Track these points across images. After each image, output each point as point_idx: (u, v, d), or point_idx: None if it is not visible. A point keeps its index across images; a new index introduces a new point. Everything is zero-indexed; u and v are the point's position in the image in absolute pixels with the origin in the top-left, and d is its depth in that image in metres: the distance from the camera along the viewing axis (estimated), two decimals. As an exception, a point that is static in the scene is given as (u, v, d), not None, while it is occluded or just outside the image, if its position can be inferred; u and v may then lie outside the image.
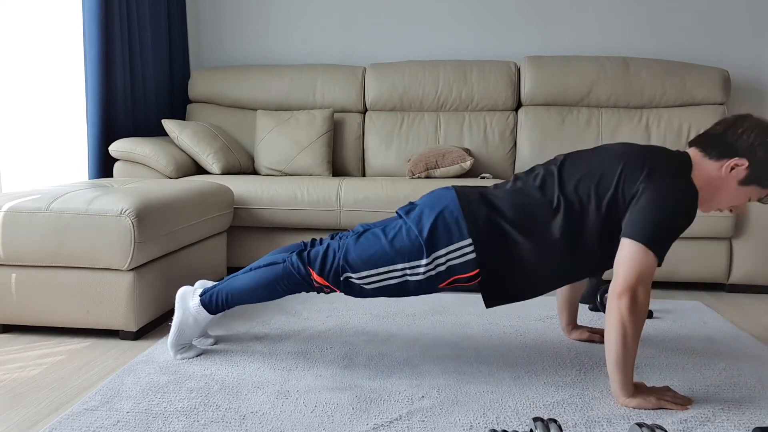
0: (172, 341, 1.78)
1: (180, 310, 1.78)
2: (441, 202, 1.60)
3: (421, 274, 1.57)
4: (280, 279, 1.66)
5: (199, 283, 1.88)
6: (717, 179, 1.53)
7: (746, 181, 1.51)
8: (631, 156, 1.55)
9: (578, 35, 3.56)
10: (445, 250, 1.55)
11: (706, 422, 1.42)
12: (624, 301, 1.42)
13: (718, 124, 1.57)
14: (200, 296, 1.77)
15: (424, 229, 1.56)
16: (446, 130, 3.32)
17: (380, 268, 1.59)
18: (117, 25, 2.95)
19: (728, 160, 1.51)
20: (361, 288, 1.62)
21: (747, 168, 1.50)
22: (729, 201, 1.56)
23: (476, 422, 1.42)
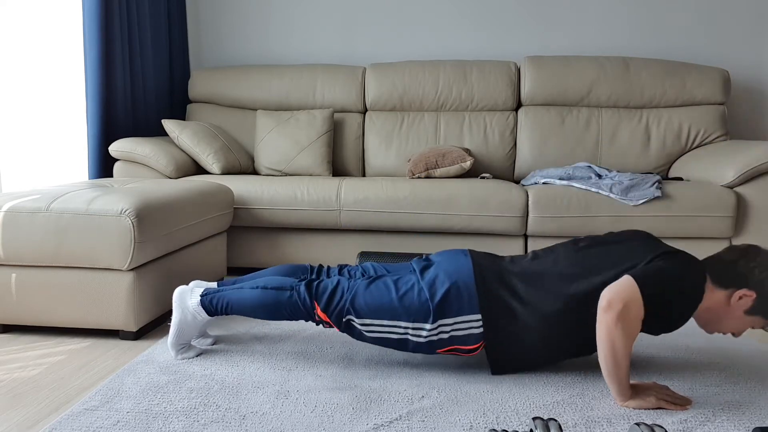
0: (172, 341, 1.78)
1: (178, 309, 1.78)
2: (457, 272, 1.63)
3: (423, 337, 1.61)
4: (284, 305, 1.68)
5: (194, 283, 1.88)
6: (724, 306, 1.56)
7: (752, 311, 1.54)
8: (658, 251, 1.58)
9: (578, 35, 3.56)
10: (453, 320, 1.60)
11: (706, 422, 1.42)
12: (610, 314, 1.44)
13: (729, 251, 1.60)
14: (201, 296, 1.77)
15: (436, 295, 1.60)
16: (446, 130, 3.32)
17: (384, 321, 1.62)
18: (117, 25, 2.95)
19: (737, 290, 1.54)
20: (360, 333, 1.66)
21: (754, 300, 1.53)
22: (733, 326, 1.59)
23: (476, 422, 1.42)
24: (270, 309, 1.69)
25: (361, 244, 2.79)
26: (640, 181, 2.69)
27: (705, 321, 1.59)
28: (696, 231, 2.61)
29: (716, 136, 3.19)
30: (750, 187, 2.61)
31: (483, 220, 2.66)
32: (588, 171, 2.90)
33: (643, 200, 2.58)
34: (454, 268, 1.65)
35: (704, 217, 2.58)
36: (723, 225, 2.59)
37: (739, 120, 3.54)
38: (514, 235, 2.72)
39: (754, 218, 2.62)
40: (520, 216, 2.65)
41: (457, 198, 2.67)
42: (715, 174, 2.71)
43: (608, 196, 2.62)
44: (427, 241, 2.76)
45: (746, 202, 2.61)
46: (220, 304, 1.75)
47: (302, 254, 2.82)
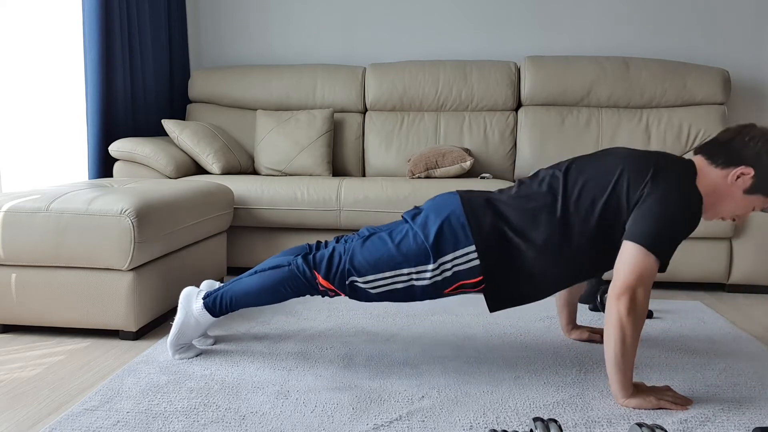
0: (172, 341, 1.78)
1: (183, 310, 1.77)
2: (446, 208, 1.60)
3: (427, 279, 1.57)
4: (284, 282, 1.66)
5: (205, 283, 1.87)
6: (722, 187, 1.52)
7: (751, 189, 1.51)
8: (635, 160, 1.55)
9: (578, 35, 3.56)
10: (451, 255, 1.56)
11: (706, 422, 1.42)
12: (623, 302, 1.42)
13: (724, 132, 1.56)
14: (203, 299, 1.76)
15: (430, 234, 1.57)
16: (446, 130, 3.32)
17: (386, 273, 1.59)
18: (117, 25, 2.95)
19: (734, 168, 1.50)
20: (366, 292, 1.62)
21: (753, 177, 1.49)
22: (733, 209, 1.56)
23: (476, 422, 1.42)
24: (272, 289, 1.67)
25: (361, 244, 2.79)
26: (640, 181, 2.69)
27: (704, 207, 1.54)
28: (696, 231, 2.60)
29: (716, 136, 3.18)
30: (750, 187, 2.61)
31: (483, 220, 2.66)
32: (588, 171, 2.89)
33: (643, 200, 2.58)
34: (443, 205, 1.61)
35: (704, 217, 2.58)
36: (723, 225, 2.59)
37: (739, 120, 3.53)
38: (514, 235, 2.71)
39: (754, 218, 2.62)
40: (520, 216, 2.65)
41: (457, 198, 2.66)
42: (715, 174, 2.71)
43: (608, 196, 2.62)
44: (427, 241, 2.75)
45: (746, 202, 2.61)
46: (222, 302, 1.74)
47: (302, 254, 2.82)
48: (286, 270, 1.66)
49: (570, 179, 1.58)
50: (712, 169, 1.53)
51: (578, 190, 1.55)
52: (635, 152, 1.59)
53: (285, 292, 1.67)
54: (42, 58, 2.86)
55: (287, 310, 2.30)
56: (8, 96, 2.77)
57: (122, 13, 3.01)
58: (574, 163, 1.62)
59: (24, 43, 2.80)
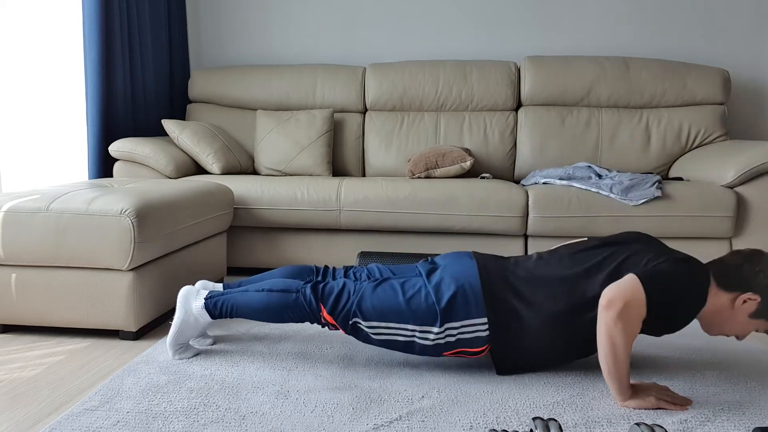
0: (171, 340, 1.78)
1: (182, 309, 1.78)
2: (463, 275, 1.64)
3: (431, 340, 1.62)
4: (290, 308, 1.68)
5: (201, 283, 1.88)
6: (728, 309, 1.56)
7: (756, 314, 1.55)
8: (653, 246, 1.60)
9: (578, 35, 3.56)
10: (459, 323, 1.60)
11: (706, 422, 1.42)
12: (611, 312, 1.45)
13: (734, 256, 1.60)
14: (205, 299, 1.76)
15: (442, 299, 1.61)
16: (446, 130, 3.32)
17: (391, 324, 1.63)
18: (117, 25, 2.95)
19: (742, 294, 1.54)
20: (367, 335, 1.66)
21: (759, 303, 1.53)
22: (736, 330, 1.59)
23: (476, 422, 1.42)
24: (275, 312, 1.69)
25: (361, 244, 2.79)
26: (640, 181, 2.69)
27: (708, 323, 1.60)
28: (696, 231, 2.61)
29: (716, 136, 3.19)
30: (750, 187, 2.61)
31: (483, 220, 2.66)
32: (588, 171, 2.90)
33: (643, 200, 2.58)
34: (460, 272, 1.65)
35: (704, 217, 2.58)
36: (723, 225, 2.59)
37: (739, 120, 3.54)
38: (514, 235, 2.72)
39: (754, 218, 2.62)
40: (520, 216, 2.65)
41: (457, 198, 2.67)
42: (715, 174, 2.71)
43: (608, 196, 2.62)
44: (427, 241, 2.76)
45: (746, 202, 2.61)
46: (224, 307, 1.74)
47: (302, 254, 2.82)
48: (293, 297, 1.68)
49: (590, 260, 1.62)
50: (720, 292, 1.57)
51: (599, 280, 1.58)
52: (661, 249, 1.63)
53: (287, 316, 1.70)
54: (42, 58, 2.86)
55: (287, 310, 2.29)
56: (8, 96, 2.77)
57: (122, 13, 3.01)
58: (595, 245, 1.67)
59: (24, 43, 2.80)
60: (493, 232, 2.70)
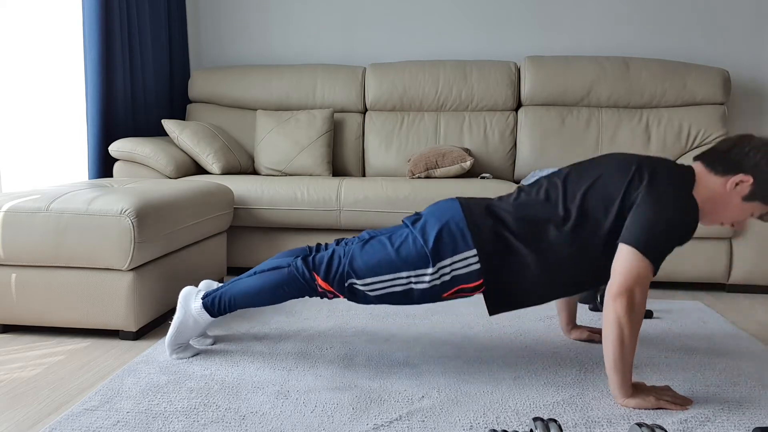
0: (170, 340, 1.78)
1: (182, 310, 1.77)
2: (446, 214, 1.61)
3: (426, 282, 1.59)
4: (284, 283, 1.67)
5: (204, 283, 1.87)
6: (721, 194, 1.54)
7: (750, 197, 1.52)
8: (635, 164, 1.56)
9: (578, 35, 3.56)
10: (450, 260, 1.57)
11: (706, 422, 1.42)
12: (620, 302, 1.43)
13: (723, 141, 1.58)
14: (202, 299, 1.76)
15: (429, 238, 1.58)
16: (446, 130, 3.32)
17: (385, 276, 1.60)
18: (117, 25, 2.95)
19: (733, 176, 1.52)
20: (365, 294, 1.63)
21: (751, 185, 1.51)
22: (731, 216, 1.57)
23: (476, 422, 1.42)
24: (272, 291, 1.68)
25: (361, 244, 2.79)
26: (640, 181, 2.69)
27: (702, 213, 1.56)
28: (696, 231, 2.60)
29: (716, 136, 3.19)
30: (750, 187, 2.61)
31: (483, 220, 2.66)
32: (588, 171, 2.90)
33: (643, 200, 2.58)
34: (442, 211, 1.63)
35: (704, 217, 2.58)
36: (723, 225, 2.59)
37: (739, 120, 3.54)
38: (514, 235, 2.71)
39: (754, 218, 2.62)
40: (520, 216, 2.65)
41: (457, 198, 2.67)
42: (715, 174, 2.71)
43: (608, 196, 2.62)
44: (427, 241, 2.76)
45: (746, 202, 2.61)
46: (222, 302, 1.74)
47: (302, 254, 2.82)
48: (286, 272, 1.66)
49: (569, 186, 1.59)
50: (711, 176, 1.55)
51: (577, 198, 1.56)
52: (632, 157, 1.60)
53: (284, 293, 1.68)
54: (42, 58, 2.86)
55: (287, 310, 2.30)
56: (8, 96, 2.77)
57: (122, 13, 3.01)
58: (572, 171, 1.64)
59: (24, 43, 2.80)
60: (493, 232, 2.70)
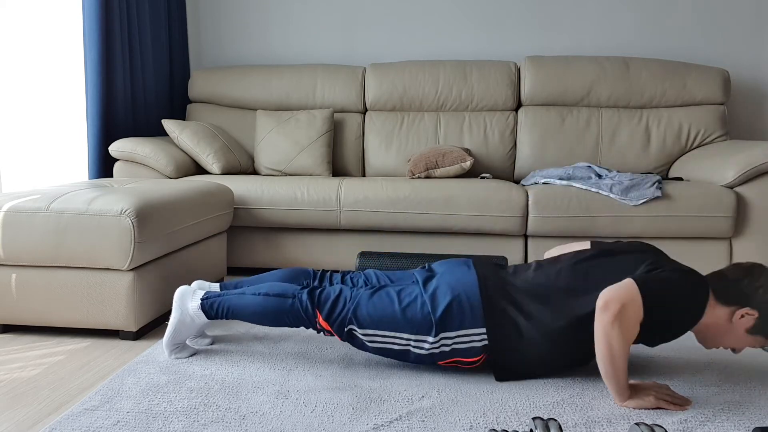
0: (167, 340, 1.78)
1: (178, 310, 1.77)
2: (460, 284, 1.63)
3: (425, 349, 1.62)
4: (286, 313, 1.68)
5: (197, 283, 1.88)
6: (725, 323, 1.55)
7: (753, 331, 1.54)
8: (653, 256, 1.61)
9: (578, 35, 3.56)
10: (455, 333, 1.60)
11: (706, 422, 1.42)
12: (608, 314, 1.44)
13: (734, 270, 1.59)
14: (202, 299, 1.76)
15: (438, 308, 1.60)
16: (446, 130, 3.32)
17: (386, 332, 1.63)
18: (117, 25, 2.95)
19: (740, 308, 1.53)
20: (362, 343, 1.66)
21: (756, 319, 1.53)
22: (732, 344, 1.59)
23: (476, 422, 1.42)
24: (271, 316, 1.70)
25: (361, 244, 2.79)
26: (640, 181, 2.69)
27: (704, 337, 1.59)
28: (696, 231, 2.61)
29: (716, 136, 3.19)
30: (750, 187, 2.61)
31: (483, 220, 2.66)
32: (588, 171, 2.90)
33: (643, 200, 2.58)
34: (457, 281, 1.65)
35: (704, 217, 2.58)
36: (723, 225, 2.59)
37: (739, 120, 3.54)
38: (514, 235, 2.72)
39: (754, 218, 2.62)
40: (520, 216, 2.65)
41: (457, 198, 2.67)
42: (715, 174, 2.71)
43: (608, 196, 2.62)
44: (427, 241, 2.76)
45: (746, 202, 2.61)
46: (220, 308, 1.74)
47: (302, 254, 2.82)
48: (290, 303, 1.68)
49: (591, 272, 1.62)
50: (719, 306, 1.56)
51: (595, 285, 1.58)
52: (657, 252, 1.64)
53: (282, 321, 1.70)
54: (42, 58, 2.86)
55: (287, 310, 2.30)
56: (8, 96, 2.77)
57: (122, 13, 3.01)
58: (596, 255, 1.66)
59: (24, 43, 2.80)
60: (493, 232, 2.70)
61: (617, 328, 1.44)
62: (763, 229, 2.62)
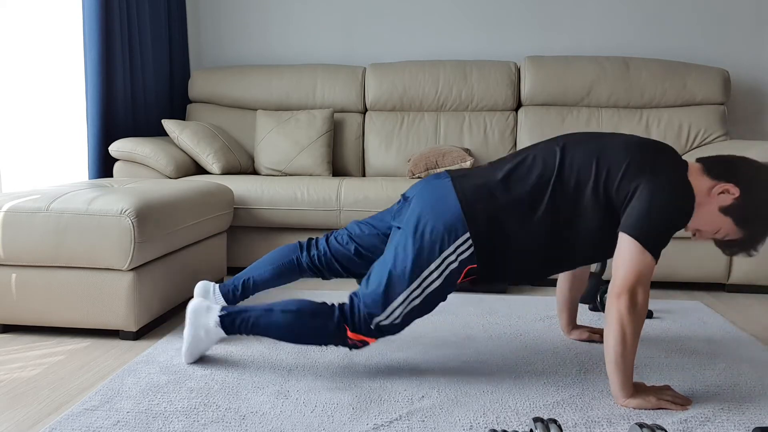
0: (185, 355, 1.75)
1: (191, 327, 1.71)
2: (439, 204, 1.57)
3: (438, 277, 1.55)
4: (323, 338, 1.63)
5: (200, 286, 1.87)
6: (703, 196, 1.50)
7: (727, 210, 1.48)
8: (636, 150, 1.53)
9: (578, 35, 3.56)
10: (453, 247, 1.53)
11: (706, 422, 1.42)
12: (623, 301, 1.43)
13: (731, 154, 1.56)
14: (220, 315, 1.68)
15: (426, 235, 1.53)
16: (446, 130, 3.32)
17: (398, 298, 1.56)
18: (117, 25, 2.95)
19: (724, 183, 1.48)
20: (392, 326, 1.59)
21: (735, 198, 1.47)
22: (701, 222, 1.52)
23: (476, 422, 1.42)
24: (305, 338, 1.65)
25: (361, 244, 2.79)
26: (640, 181, 2.68)
27: None
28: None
29: (716, 136, 3.19)
30: (750, 187, 2.61)
31: (483, 220, 2.66)
32: (588, 171, 2.90)
33: (643, 200, 2.58)
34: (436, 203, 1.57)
35: (704, 217, 2.58)
36: (723, 225, 2.59)
37: (739, 120, 3.54)
38: (514, 235, 2.71)
39: (754, 218, 2.61)
40: (520, 216, 2.65)
41: (457, 198, 2.66)
42: (715, 174, 2.71)
43: (608, 196, 2.62)
44: (427, 241, 2.76)
45: (746, 202, 2.61)
46: (243, 326, 1.67)
47: (302, 254, 2.82)
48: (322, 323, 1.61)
49: (566, 161, 1.55)
50: (704, 177, 1.52)
51: (573, 174, 1.52)
52: (635, 142, 1.56)
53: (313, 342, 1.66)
54: (42, 58, 2.86)
55: (287, 310, 2.29)
56: (8, 96, 2.77)
57: (122, 13, 3.01)
58: (569, 144, 1.59)
59: (24, 43, 2.80)
60: (493, 232, 2.70)
61: (633, 314, 1.42)
62: (763, 229, 2.61)
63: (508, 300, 2.47)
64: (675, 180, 1.48)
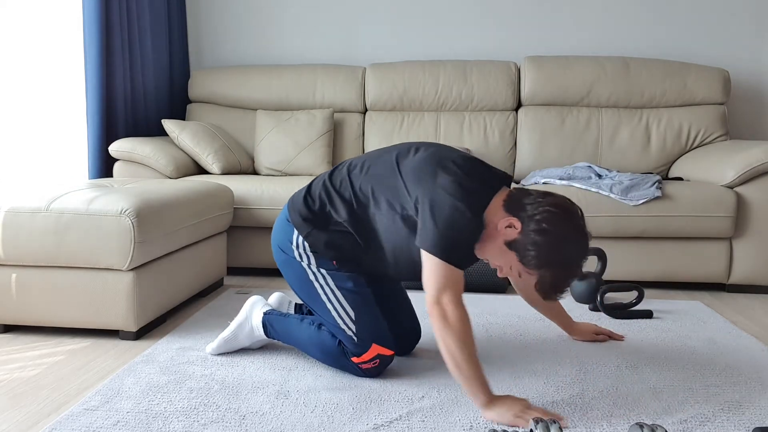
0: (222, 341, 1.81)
1: (243, 314, 1.82)
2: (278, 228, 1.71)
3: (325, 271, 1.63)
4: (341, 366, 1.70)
5: (275, 297, 1.93)
6: (492, 228, 1.46)
7: (510, 245, 1.43)
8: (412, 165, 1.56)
9: (578, 35, 3.56)
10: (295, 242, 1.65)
11: (706, 422, 1.42)
12: (434, 316, 1.41)
13: (539, 189, 1.56)
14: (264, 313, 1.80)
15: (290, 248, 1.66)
16: (446, 130, 3.32)
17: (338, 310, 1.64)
18: (117, 25, 2.95)
19: (511, 218, 1.43)
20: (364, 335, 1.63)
21: (518, 233, 1.42)
22: (491, 256, 1.49)
23: (476, 422, 1.42)
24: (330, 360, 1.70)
25: (361, 244, 2.79)
26: (640, 181, 2.69)
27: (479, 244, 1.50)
28: (696, 231, 2.60)
29: (716, 136, 3.19)
30: (750, 187, 2.61)
31: (483, 220, 2.66)
32: (588, 171, 2.90)
33: (643, 200, 2.58)
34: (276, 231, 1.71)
35: (704, 217, 2.58)
36: (723, 225, 2.59)
37: (739, 120, 3.54)
38: (514, 235, 2.71)
39: (754, 218, 2.62)
40: (520, 216, 2.65)
41: (457, 198, 2.66)
42: (715, 174, 2.71)
43: (608, 196, 2.62)
44: (427, 241, 2.75)
45: (746, 202, 2.61)
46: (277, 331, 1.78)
47: (302, 254, 2.82)
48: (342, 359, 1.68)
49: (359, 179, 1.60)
50: (501, 210, 1.46)
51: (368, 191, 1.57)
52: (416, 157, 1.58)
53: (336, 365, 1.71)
54: (42, 58, 2.86)
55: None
56: (8, 96, 2.77)
57: (122, 13, 3.01)
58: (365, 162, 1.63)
59: (24, 43, 2.80)
60: (493, 232, 2.70)
61: (447, 327, 1.40)
62: (763, 229, 2.62)
63: (508, 300, 2.47)
64: (449, 185, 1.45)
